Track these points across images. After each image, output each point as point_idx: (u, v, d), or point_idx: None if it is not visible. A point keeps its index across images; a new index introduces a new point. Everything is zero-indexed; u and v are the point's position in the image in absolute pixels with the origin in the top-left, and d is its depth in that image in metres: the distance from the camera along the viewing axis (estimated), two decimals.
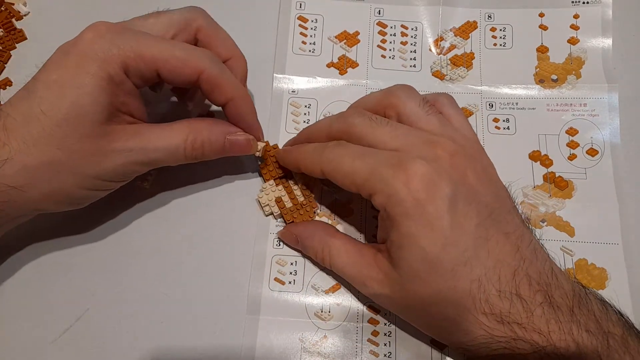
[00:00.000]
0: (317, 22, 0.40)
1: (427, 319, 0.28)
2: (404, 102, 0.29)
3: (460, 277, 0.25)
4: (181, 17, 0.30)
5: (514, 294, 0.25)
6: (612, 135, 0.36)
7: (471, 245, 0.25)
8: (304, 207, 0.33)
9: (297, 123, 0.37)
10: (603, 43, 0.38)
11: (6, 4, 0.41)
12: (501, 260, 0.25)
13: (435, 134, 0.28)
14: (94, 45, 0.27)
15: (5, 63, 0.39)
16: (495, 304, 0.25)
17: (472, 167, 0.27)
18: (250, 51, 0.33)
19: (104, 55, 0.27)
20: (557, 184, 0.35)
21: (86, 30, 0.28)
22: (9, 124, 0.26)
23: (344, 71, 0.38)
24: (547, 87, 0.37)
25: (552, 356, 0.24)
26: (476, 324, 0.25)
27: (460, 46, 0.39)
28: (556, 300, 0.25)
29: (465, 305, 0.25)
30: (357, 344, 0.31)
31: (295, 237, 0.32)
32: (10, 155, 0.26)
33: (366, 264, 0.29)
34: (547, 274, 0.26)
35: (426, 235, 0.25)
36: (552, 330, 0.24)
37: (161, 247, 0.33)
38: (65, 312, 0.31)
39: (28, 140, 0.26)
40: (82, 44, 0.27)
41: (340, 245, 0.30)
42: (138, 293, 0.32)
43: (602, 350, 0.24)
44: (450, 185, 0.25)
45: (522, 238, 0.26)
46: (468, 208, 0.26)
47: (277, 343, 0.31)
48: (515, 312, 0.24)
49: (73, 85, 0.26)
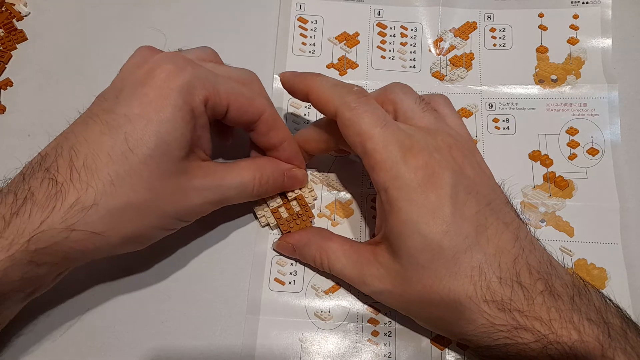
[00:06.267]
0: (317, 23, 0.40)
1: (428, 310, 0.27)
2: (401, 98, 0.29)
3: (461, 263, 0.25)
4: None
5: (515, 281, 0.25)
6: (613, 135, 0.36)
7: (472, 232, 0.25)
8: (300, 217, 0.33)
9: (297, 124, 0.37)
10: (603, 43, 0.38)
11: (7, 5, 0.41)
12: (501, 248, 0.25)
13: (431, 128, 0.28)
14: (176, 78, 0.26)
15: (6, 63, 0.39)
16: (497, 291, 0.25)
17: (467, 161, 0.28)
18: (251, 52, 0.33)
19: (188, 88, 0.26)
20: (557, 183, 0.35)
21: (161, 61, 0.26)
22: (90, 162, 0.25)
23: (344, 72, 0.39)
24: (547, 87, 0.37)
25: (554, 344, 0.24)
26: (478, 312, 0.25)
27: (459, 47, 0.39)
28: (557, 289, 0.25)
29: (466, 293, 0.25)
30: (357, 344, 0.31)
31: (291, 247, 0.32)
32: (95, 200, 0.24)
33: (365, 262, 0.29)
34: (547, 264, 0.26)
35: (427, 222, 0.25)
36: (553, 318, 0.24)
37: (161, 247, 0.33)
38: (65, 312, 0.31)
39: (115, 180, 0.25)
40: (162, 76, 0.26)
41: (337, 247, 0.30)
42: (138, 293, 0.32)
43: (603, 339, 0.24)
44: (451, 175, 0.26)
45: (520, 229, 0.27)
46: (468, 197, 0.26)
47: (277, 343, 0.31)
48: (517, 300, 0.24)
49: (159, 119, 0.25)
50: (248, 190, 0.30)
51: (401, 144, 0.26)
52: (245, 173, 0.30)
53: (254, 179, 0.30)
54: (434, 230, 0.25)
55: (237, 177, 0.29)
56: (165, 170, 0.26)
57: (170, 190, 0.26)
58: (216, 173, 0.29)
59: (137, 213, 0.26)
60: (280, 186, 0.32)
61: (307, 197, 0.33)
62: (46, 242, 0.24)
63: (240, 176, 0.29)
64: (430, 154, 0.26)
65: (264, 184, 0.30)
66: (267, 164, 0.31)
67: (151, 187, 0.25)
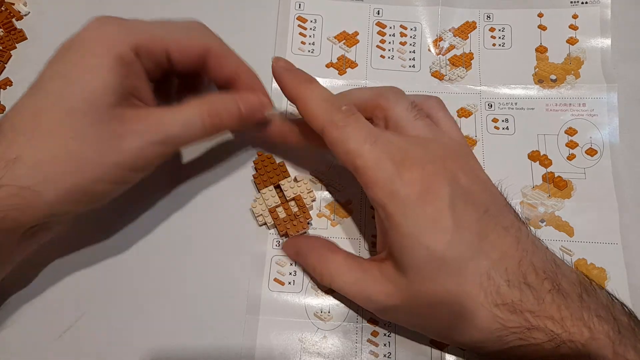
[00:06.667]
0: (316, 23, 0.40)
1: (438, 322, 0.27)
2: (393, 105, 0.29)
3: (468, 272, 0.25)
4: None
5: (523, 282, 0.25)
6: (611, 135, 0.36)
7: (475, 240, 0.25)
8: (297, 218, 0.33)
9: None
10: (602, 43, 0.38)
11: (6, 4, 0.41)
12: (505, 252, 0.25)
13: (422, 138, 0.28)
14: (99, 30, 0.26)
15: (6, 63, 0.39)
16: (506, 294, 0.25)
17: (461, 169, 0.27)
18: (250, 52, 0.33)
19: (112, 36, 0.26)
20: (556, 183, 0.35)
21: (89, 22, 0.27)
22: (17, 123, 0.25)
23: (343, 71, 0.39)
24: (546, 87, 0.38)
25: (567, 343, 0.24)
26: (489, 317, 0.25)
27: (459, 46, 0.39)
28: (564, 287, 0.25)
29: (477, 300, 0.25)
30: (357, 344, 0.31)
31: (295, 252, 0.32)
32: (19, 152, 0.24)
33: (372, 280, 0.28)
34: (551, 264, 0.26)
35: (429, 234, 0.25)
36: (564, 316, 0.24)
37: (161, 247, 0.33)
38: (65, 312, 0.31)
39: (37, 134, 0.25)
40: (86, 32, 0.26)
41: (342, 262, 0.29)
42: (138, 293, 0.32)
43: (613, 336, 0.24)
44: (448, 186, 0.26)
45: (520, 231, 0.27)
46: (465, 206, 0.26)
47: (277, 343, 0.31)
48: (527, 300, 0.24)
49: (80, 70, 0.25)
50: (197, 126, 0.28)
51: (393, 158, 0.26)
52: (190, 109, 0.28)
53: (201, 113, 0.28)
54: (436, 241, 0.25)
55: (180, 114, 0.28)
56: (95, 119, 0.25)
57: (104, 137, 0.26)
58: (155, 113, 0.28)
59: (70, 164, 0.25)
60: (239, 116, 0.30)
61: (306, 197, 0.33)
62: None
63: (183, 112, 0.28)
64: (423, 167, 0.26)
65: (215, 117, 0.29)
66: (215, 96, 0.30)
67: (79, 136, 0.25)
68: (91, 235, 0.33)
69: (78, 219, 0.33)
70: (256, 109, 0.31)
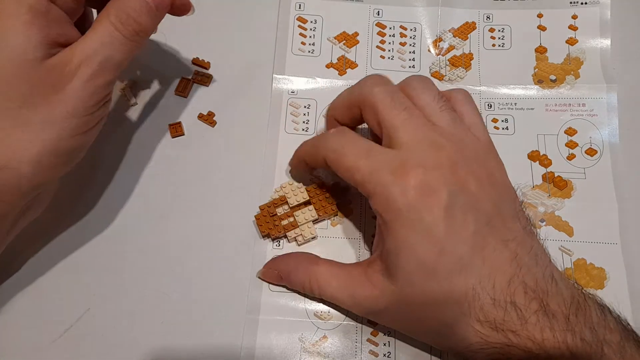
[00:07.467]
0: (317, 23, 0.40)
1: (424, 326, 0.28)
2: (419, 94, 0.29)
3: (455, 284, 0.25)
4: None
5: (509, 302, 0.25)
6: (611, 135, 0.36)
7: (467, 253, 0.25)
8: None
9: (296, 124, 0.37)
10: (601, 43, 0.38)
11: None
12: (497, 268, 0.25)
13: (445, 133, 0.28)
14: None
15: None
16: (490, 312, 0.25)
17: (474, 174, 0.27)
18: (250, 52, 0.33)
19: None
20: (556, 183, 0.35)
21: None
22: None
23: (343, 72, 0.39)
24: (546, 88, 0.38)
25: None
26: (471, 331, 0.25)
27: (459, 47, 0.39)
28: (551, 308, 0.25)
29: (461, 312, 0.25)
30: (357, 343, 0.31)
31: (277, 274, 0.31)
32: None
33: (358, 284, 0.28)
34: (547, 281, 0.25)
35: (422, 243, 0.25)
36: (545, 338, 0.24)
37: (161, 247, 0.33)
38: (65, 312, 0.31)
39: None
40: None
41: (325, 270, 0.30)
42: (138, 293, 0.32)
43: (595, 359, 0.24)
44: (447, 194, 0.25)
45: (522, 244, 0.26)
46: (465, 216, 0.26)
47: (277, 343, 0.31)
48: (510, 320, 0.24)
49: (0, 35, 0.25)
50: (117, 37, 0.27)
51: (389, 166, 0.26)
52: (100, 26, 0.27)
53: (112, 24, 0.27)
54: (428, 251, 0.25)
55: (96, 35, 0.27)
56: (31, 81, 0.25)
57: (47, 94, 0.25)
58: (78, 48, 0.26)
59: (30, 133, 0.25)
60: (149, 11, 0.28)
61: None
62: None
63: (97, 32, 0.27)
64: (425, 172, 0.26)
65: (126, 20, 0.27)
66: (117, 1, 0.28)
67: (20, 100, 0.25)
68: (92, 236, 0.33)
69: (80, 220, 0.33)
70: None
